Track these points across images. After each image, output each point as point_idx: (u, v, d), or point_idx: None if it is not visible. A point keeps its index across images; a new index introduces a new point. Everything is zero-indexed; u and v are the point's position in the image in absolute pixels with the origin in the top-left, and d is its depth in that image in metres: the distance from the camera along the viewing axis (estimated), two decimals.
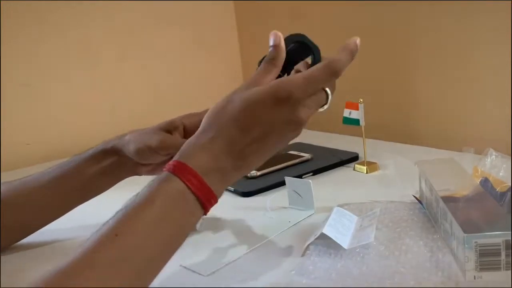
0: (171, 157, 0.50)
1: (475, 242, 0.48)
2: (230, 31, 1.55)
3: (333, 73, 0.50)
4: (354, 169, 0.92)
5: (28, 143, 1.25)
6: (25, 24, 1.22)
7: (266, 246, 0.65)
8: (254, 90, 0.49)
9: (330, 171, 0.94)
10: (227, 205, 0.80)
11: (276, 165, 0.94)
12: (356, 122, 0.89)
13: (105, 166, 0.68)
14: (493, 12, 0.95)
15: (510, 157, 0.66)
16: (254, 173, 0.91)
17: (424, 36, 1.09)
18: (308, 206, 0.75)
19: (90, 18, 1.32)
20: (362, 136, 0.90)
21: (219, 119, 0.49)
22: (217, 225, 0.73)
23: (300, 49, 0.54)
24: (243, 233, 0.70)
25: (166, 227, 0.45)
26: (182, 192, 0.46)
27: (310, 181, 0.74)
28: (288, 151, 1.04)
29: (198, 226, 0.71)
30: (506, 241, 0.47)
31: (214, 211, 0.75)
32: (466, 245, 0.48)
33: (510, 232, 0.47)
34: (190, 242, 0.54)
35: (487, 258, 0.48)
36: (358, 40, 0.52)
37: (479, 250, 0.48)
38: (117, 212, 0.45)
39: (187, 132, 0.68)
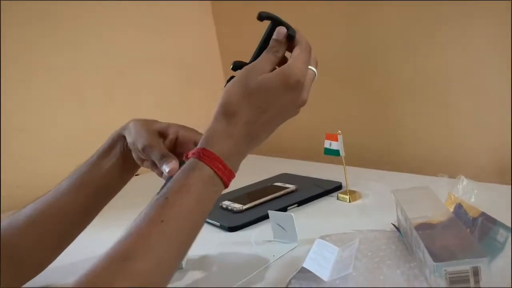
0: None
1: (445, 270, 0.50)
2: (216, 67, 1.60)
3: (310, 50, 0.59)
4: (337, 199, 0.94)
5: (17, 186, 1.26)
6: (17, 70, 1.26)
7: (251, 281, 0.66)
8: (267, 76, 0.56)
9: (314, 201, 0.96)
10: (213, 241, 0.82)
11: (261, 198, 0.96)
12: (336, 153, 0.92)
13: (115, 154, 0.70)
14: (472, 42, 0.99)
15: (481, 183, 0.68)
16: (240, 207, 0.93)
17: (403, 66, 1.13)
18: (292, 239, 0.77)
19: (79, 62, 1.36)
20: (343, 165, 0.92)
21: (238, 104, 0.56)
22: (203, 262, 0.74)
23: (276, 26, 0.60)
24: (228, 269, 0.71)
25: (200, 208, 0.53)
26: (212, 177, 0.54)
27: (292, 214, 0.76)
28: (274, 183, 1.06)
29: (183, 264, 0.73)
30: (474, 267, 0.49)
31: (200, 248, 0.77)
32: (437, 273, 0.50)
33: (477, 259, 0.50)
34: (175, 281, 0.56)
35: (457, 285, 0.50)
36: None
37: (449, 277, 0.50)
38: (156, 199, 0.52)
39: (177, 143, 0.70)
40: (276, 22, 0.60)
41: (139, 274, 0.46)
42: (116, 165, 0.70)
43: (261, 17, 0.59)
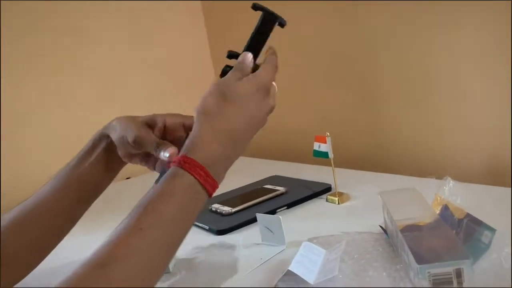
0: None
1: (428, 272, 0.50)
2: (206, 67, 1.60)
3: (276, 57, 0.63)
4: (327, 200, 0.94)
5: (4, 193, 1.25)
6: (3, 72, 1.25)
7: (237, 284, 0.66)
8: (241, 83, 0.58)
9: (304, 203, 0.96)
10: (202, 244, 0.81)
11: (251, 200, 0.96)
12: (325, 155, 0.92)
13: (98, 154, 0.68)
14: (461, 43, 1.00)
15: (467, 184, 0.68)
16: (229, 210, 0.92)
17: (392, 67, 1.13)
18: (279, 242, 0.76)
19: (70, 64, 1.36)
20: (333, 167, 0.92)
21: (218, 111, 0.57)
22: (190, 265, 0.74)
23: (267, 17, 0.64)
24: (215, 273, 0.71)
25: (181, 216, 0.53)
26: (193, 185, 0.53)
27: (280, 217, 0.76)
28: (264, 185, 1.06)
29: (171, 267, 0.72)
30: (457, 269, 0.50)
31: (188, 251, 0.77)
32: (420, 275, 0.50)
33: (459, 261, 0.50)
34: (162, 283, 0.55)
35: (441, 286, 0.50)
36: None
37: (432, 279, 0.50)
38: (137, 207, 0.51)
39: (166, 131, 0.70)
40: (267, 13, 0.64)
41: (118, 281, 0.46)
42: (99, 165, 0.69)
43: (255, 7, 0.64)
